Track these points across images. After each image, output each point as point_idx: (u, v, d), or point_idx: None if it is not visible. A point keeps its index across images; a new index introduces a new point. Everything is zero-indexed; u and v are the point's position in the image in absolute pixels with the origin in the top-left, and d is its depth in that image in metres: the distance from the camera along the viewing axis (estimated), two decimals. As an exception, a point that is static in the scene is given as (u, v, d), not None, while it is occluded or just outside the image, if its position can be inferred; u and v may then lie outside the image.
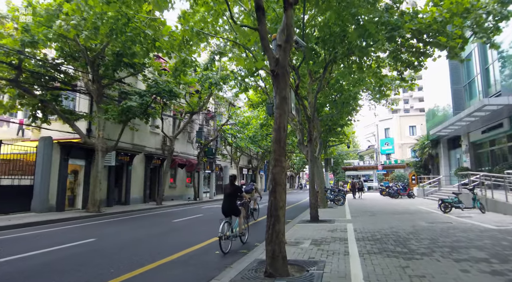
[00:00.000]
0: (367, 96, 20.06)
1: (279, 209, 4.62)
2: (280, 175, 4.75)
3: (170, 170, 23.45)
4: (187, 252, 6.52)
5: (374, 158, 47.69)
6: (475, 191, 11.36)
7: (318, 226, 9.32)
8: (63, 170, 14.58)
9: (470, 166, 20.48)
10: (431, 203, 17.58)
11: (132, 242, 7.70)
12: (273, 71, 5.10)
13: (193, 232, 9.27)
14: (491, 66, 17.60)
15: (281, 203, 4.67)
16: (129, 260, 5.78)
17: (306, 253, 5.71)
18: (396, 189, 23.19)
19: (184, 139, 25.67)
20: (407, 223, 9.38)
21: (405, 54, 11.21)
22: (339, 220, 10.62)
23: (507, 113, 15.80)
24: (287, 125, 5.01)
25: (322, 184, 17.96)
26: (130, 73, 14.93)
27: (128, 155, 18.38)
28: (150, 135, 21.09)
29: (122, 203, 18.28)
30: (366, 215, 11.97)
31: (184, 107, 20.20)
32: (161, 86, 14.08)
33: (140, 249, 6.86)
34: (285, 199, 4.81)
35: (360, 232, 7.89)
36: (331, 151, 30.74)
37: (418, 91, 66.30)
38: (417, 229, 8.13)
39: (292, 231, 8.52)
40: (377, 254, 5.48)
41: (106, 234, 8.88)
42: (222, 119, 28.98)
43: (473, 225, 8.39)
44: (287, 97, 5.02)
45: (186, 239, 7.95)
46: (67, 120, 13.86)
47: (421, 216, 11.11)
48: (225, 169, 35.05)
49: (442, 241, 6.43)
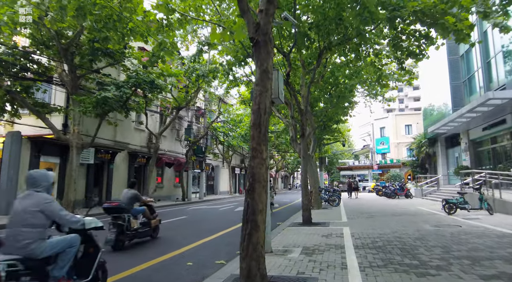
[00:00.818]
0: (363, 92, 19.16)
1: (257, 213, 3.55)
2: (260, 169, 3.68)
3: (156, 169, 22.28)
4: (155, 262, 5.43)
5: (369, 157, 46.93)
6: (482, 190, 10.41)
7: (311, 229, 8.28)
8: (34, 168, 13.32)
9: (470, 165, 19.64)
10: (431, 203, 16.67)
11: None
12: (252, 39, 4.04)
13: (170, 237, 8.16)
14: (493, 59, 16.75)
15: (261, 205, 3.60)
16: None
17: (295, 266, 4.66)
18: (393, 188, 22.28)
19: (172, 137, 24.49)
20: (410, 226, 8.37)
21: (406, 42, 10.25)
22: (334, 222, 9.59)
23: (510, 108, 14.94)
24: (270, 106, 3.95)
25: (316, 183, 16.95)
26: (109, 63, 13.74)
27: (109, 153, 17.16)
28: (135, 132, 19.89)
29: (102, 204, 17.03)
30: (363, 216, 10.96)
31: (171, 103, 19.03)
32: (141, 77, 12.90)
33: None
34: (266, 200, 3.75)
35: (359, 238, 6.85)
36: (325, 149, 29.75)
37: (414, 90, 66.08)
38: (423, 233, 7.12)
39: (281, 236, 7.47)
40: (381, 267, 4.44)
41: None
42: (213, 117, 27.87)
43: (486, 229, 7.41)
44: (269, 71, 3.96)
45: (158, 247, 6.85)
46: (38, 114, 12.64)
47: (424, 218, 10.13)
48: (217, 169, 33.92)
49: (456, 249, 5.42)
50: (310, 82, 10.64)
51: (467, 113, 15.97)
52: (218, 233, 8.56)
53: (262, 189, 3.64)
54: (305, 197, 9.77)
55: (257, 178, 3.63)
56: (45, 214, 3.01)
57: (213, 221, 11.34)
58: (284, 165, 54.42)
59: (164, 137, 23.15)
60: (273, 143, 34.45)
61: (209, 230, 9.05)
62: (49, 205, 3.04)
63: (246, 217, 3.55)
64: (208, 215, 13.49)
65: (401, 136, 41.30)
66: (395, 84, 16.36)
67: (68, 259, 3.19)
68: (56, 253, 3.11)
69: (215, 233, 8.56)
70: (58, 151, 14.43)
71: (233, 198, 28.07)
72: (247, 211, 3.56)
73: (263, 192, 3.64)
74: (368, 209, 13.91)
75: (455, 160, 23.93)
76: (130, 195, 7.18)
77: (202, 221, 11.53)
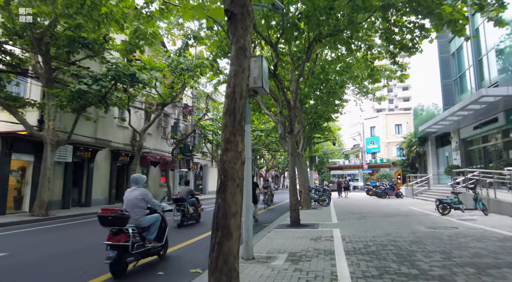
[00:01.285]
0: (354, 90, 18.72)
1: (230, 217, 2.93)
2: (234, 164, 3.06)
3: (141, 168, 21.46)
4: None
5: (359, 157, 46.79)
6: (477, 190, 10.01)
7: (299, 232, 7.71)
8: (4, 167, 12.45)
9: (461, 164, 19.43)
10: (422, 203, 16.32)
11: (53, 258, 5.85)
12: (228, 11, 3.40)
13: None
14: (484, 57, 16.51)
15: (234, 207, 2.98)
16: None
17: (278, 277, 4.06)
18: (384, 188, 21.93)
19: (158, 135, 23.66)
20: (404, 228, 7.88)
21: (398, 35, 9.80)
22: (323, 224, 9.05)
23: (503, 106, 14.69)
24: (247, 89, 3.34)
25: (306, 182, 16.43)
26: (87, 55, 12.94)
27: (90, 150, 16.29)
28: (117, 129, 19.03)
29: (82, 205, 16.20)
30: (354, 217, 10.46)
31: (156, 99, 18.24)
32: (120, 69, 12.12)
33: (57, 268, 5.04)
34: (242, 202, 3.13)
35: (350, 241, 6.30)
36: (316, 148, 29.31)
37: (403, 91, 66.46)
38: (419, 236, 6.62)
39: (266, 239, 6.86)
40: (376, 278, 3.88)
41: (26, 246, 6.97)
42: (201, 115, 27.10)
43: (485, 231, 6.94)
44: (246, 48, 3.34)
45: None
46: (8, 108, 11.77)
47: (417, 218, 9.67)
48: (205, 168, 33.17)
49: (458, 255, 4.90)
50: (299, 76, 10.07)
51: (459, 112, 15.67)
52: (199, 237, 7.92)
53: (236, 188, 3.02)
54: (293, 197, 9.19)
55: (231, 174, 3.01)
56: (145, 200, 5.09)
57: (195, 223, 10.68)
58: (275, 164, 53.93)
59: (150, 135, 22.34)
60: (263, 141, 33.88)
61: (188, 233, 8.40)
62: (146, 195, 5.13)
63: (216, 222, 2.93)
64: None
65: (391, 136, 41.24)
66: (386, 81, 15.96)
67: (155, 229, 5.26)
68: (149, 225, 5.18)
69: (195, 236, 7.91)
70: (32, 148, 13.52)
71: (221, 198, 27.31)
72: (217, 214, 2.94)
73: (238, 192, 3.02)
74: (359, 209, 13.44)
75: (445, 159, 23.76)
76: (187, 189, 9.96)
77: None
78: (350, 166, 44.93)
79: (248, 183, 5.34)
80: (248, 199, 5.27)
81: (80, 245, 7.03)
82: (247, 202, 5.26)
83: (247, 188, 5.28)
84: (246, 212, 5.23)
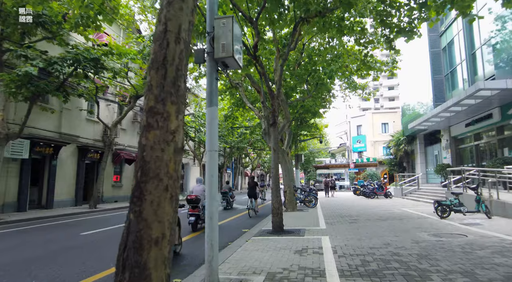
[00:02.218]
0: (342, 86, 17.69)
1: (148, 246, 1.63)
2: (161, 152, 1.76)
3: (114, 166, 19.83)
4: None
5: (346, 156, 46.15)
6: (479, 190, 9.02)
7: (282, 241, 6.48)
8: None
9: (451, 163, 18.71)
10: (413, 203, 15.42)
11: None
12: None
13: (98, 253, 6.07)
14: (478, 51, 15.73)
15: (158, 228, 1.68)
16: None
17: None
18: (372, 188, 21.02)
19: (134, 131, 22.00)
20: (403, 235, 6.75)
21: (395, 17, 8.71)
22: (310, 230, 7.85)
23: (498, 102, 13.91)
24: (188, 29, 2.04)
25: (292, 182, 15.26)
26: (43, 37, 11.30)
27: (52, 146, 14.57)
28: (87, 123, 17.33)
29: (43, 207, 14.50)
30: (345, 221, 9.31)
31: (129, 90, 16.66)
32: (79, 51, 10.55)
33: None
34: (173, 216, 1.82)
35: (343, 255, 5.11)
36: (302, 146, 28.25)
37: (389, 90, 66.56)
38: (425, 247, 5.49)
39: (242, 252, 5.59)
40: (388, 322, 2.65)
41: None
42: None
43: (502, 241, 5.87)
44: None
45: (75, 268, 4.78)
46: None
47: (415, 222, 8.60)
48: (187, 166, 31.61)
49: (485, 277, 3.75)
50: (283, 61, 8.83)
51: (452, 107, 14.82)
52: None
53: (162, 193, 1.72)
54: (275, 199, 7.95)
55: (154, 170, 1.72)
56: (204, 192, 8.54)
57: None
58: (260, 163, 52.76)
59: (124, 131, 20.70)
60: (248, 140, 32.61)
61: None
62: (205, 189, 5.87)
63: (122, 257, 1.62)
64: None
65: (378, 135, 40.71)
66: (376, 74, 14.94)
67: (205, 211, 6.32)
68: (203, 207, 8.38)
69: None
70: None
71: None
72: (126, 241, 1.64)
73: (165, 201, 1.73)
74: (348, 211, 12.35)
75: (434, 158, 23.11)
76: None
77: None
78: (337, 165, 44.22)
79: (213, 182, 4.05)
80: (212, 204, 3.98)
81: (27, 256, 5.57)
82: (211, 209, 3.98)
83: (210, 189, 4.00)
84: (210, 221, 3.94)
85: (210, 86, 4.22)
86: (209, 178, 4.02)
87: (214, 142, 4.09)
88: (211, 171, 4.04)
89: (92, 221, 11.10)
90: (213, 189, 4.01)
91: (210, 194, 3.97)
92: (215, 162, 4.08)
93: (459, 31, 17.76)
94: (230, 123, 25.23)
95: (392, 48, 9.49)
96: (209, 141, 4.09)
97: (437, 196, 15.67)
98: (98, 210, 14.69)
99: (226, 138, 30.97)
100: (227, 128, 27.33)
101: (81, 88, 14.19)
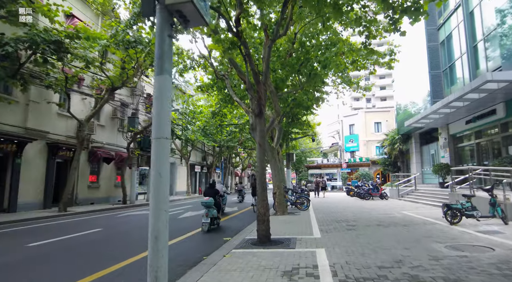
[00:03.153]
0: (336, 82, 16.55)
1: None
2: None
3: (91, 166, 18.31)
4: None
5: (338, 155, 45.22)
6: (494, 192, 7.93)
7: (267, 256, 5.23)
8: None
9: (450, 162, 17.77)
10: (412, 205, 14.36)
11: None
12: None
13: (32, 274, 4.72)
14: (480, 43, 14.77)
15: None
16: None
17: None
18: (367, 188, 19.96)
19: (114, 128, 20.48)
20: (415, 247, 5.58)
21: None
22: (302, 239, 6.62)
23: (503, 96, 12.95)
24: None
25: (282, 182, 14.04)
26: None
27: (15, 142, 13.05)
28: (58, 118, 15.78)
29: (4, 211, 12.95)
30: (342, 228, 8.12)
31: (104, 82, 15.19)
32: (37, 32, 9.11)
33: None
34: None
35: (345, 279, 3.88)
36: (293, 144, 27.07)
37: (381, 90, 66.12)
38: (449, 267, 4.30)
39: (214, 273, 4.31)
40: None
41: None
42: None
43: (541, 256, 4.74)
44: None
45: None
46: None
47: (423, 230, 7.46)
48: (173, 166, 30.10)
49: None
50: (271, 42, 7.58)
51: (454, 103, 13.83)
52: (122, 263, 5.26)
53: None
54: (261, 203, 6.69)
55: None
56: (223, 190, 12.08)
57: (131, 238, 7.98)
58: (252, 163, 51.48)
59: (102, 127, 19.19)
60: (238, 139, 31.33)
61: (112, 257, 5.71)
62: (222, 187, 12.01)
63: None
64: (133, 227, 9.97)
65: (371, 134, 39.88)
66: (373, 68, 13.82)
67: (224, 202, 13.00)
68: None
69: (117, 262, 5.25)
70: None
71: (189, 199, 24.55)
72: None
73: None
74: (344, 215, 11.18)
75: (430, 157, 22.20)
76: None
77: (115, 237, 8.09)
78: (329, 165, 43.28)
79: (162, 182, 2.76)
80: (159, 218, 2.70)
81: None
82: (157, 224, 2.69)
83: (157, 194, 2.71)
84: (155, 242, 2.66)
85: (161, 47, 2.95)
86: (156, 177, 2.74)
87: (163, 125, 2.81)
88: (158, 167, 2.76)
89: (53, 227, 9.67)
90: (161, 193, 2.73)
91: (155, 203, 2.69)
92: (165, 154, 2.80)
93: (458, 23, 16.81)
94: (218, 121, 23.87)
95: (397, 29, 8.32)
96: (157, 124, 2.81)
97: (437, 197, 14.66)
98: (68, 214, 13.21)
99: (214, 137, 29.65)
100: (215, 125, 26.03)
101: (50, 78, 12.72)
